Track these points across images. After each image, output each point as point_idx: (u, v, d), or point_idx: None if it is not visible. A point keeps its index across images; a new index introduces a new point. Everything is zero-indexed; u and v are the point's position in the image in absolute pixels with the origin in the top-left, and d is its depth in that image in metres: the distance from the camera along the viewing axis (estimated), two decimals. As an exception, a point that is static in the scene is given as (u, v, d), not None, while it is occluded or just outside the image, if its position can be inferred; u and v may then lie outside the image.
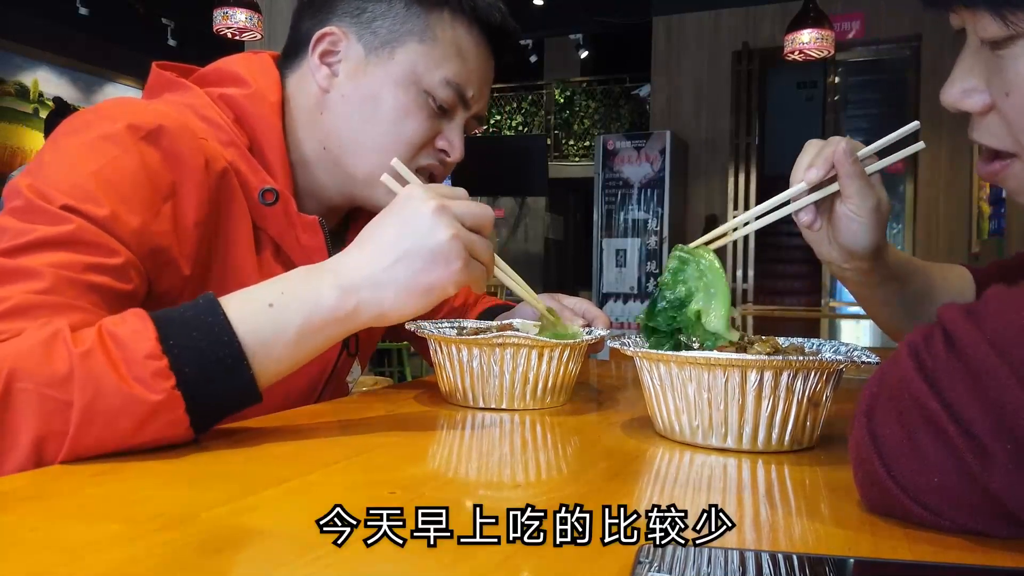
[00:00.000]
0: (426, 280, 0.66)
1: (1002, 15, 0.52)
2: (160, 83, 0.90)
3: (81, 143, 0.72)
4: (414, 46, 0.88)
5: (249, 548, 0.41)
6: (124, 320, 0.59)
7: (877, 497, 0.47)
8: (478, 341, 0.79)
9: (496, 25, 0.93)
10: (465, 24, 0.91)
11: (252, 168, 0.84)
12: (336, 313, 0.65)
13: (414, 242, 0.66)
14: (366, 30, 0.89)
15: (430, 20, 0.89)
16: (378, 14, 0.89)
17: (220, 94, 0.86)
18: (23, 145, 7.57)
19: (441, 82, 0.89)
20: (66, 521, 0.44)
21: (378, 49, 0.89)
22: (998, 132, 0.58)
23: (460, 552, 0.40)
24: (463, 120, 0.94)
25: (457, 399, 0.83)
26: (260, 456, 0.60)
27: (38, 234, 0.64)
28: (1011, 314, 0.41)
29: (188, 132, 0.77)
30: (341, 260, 0.68)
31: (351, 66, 0.89)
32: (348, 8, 0.90)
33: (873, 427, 0.46)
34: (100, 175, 0.69)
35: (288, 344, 0.63)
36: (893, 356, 0.47)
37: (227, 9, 4.61)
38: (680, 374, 0.65)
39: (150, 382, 0.56)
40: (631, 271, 7.05)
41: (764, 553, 0.39)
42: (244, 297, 0.65)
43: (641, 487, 0.57)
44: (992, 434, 0.40)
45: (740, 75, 7.10)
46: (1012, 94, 0.55)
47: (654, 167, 6.94)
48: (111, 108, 0.76)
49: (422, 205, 0.67)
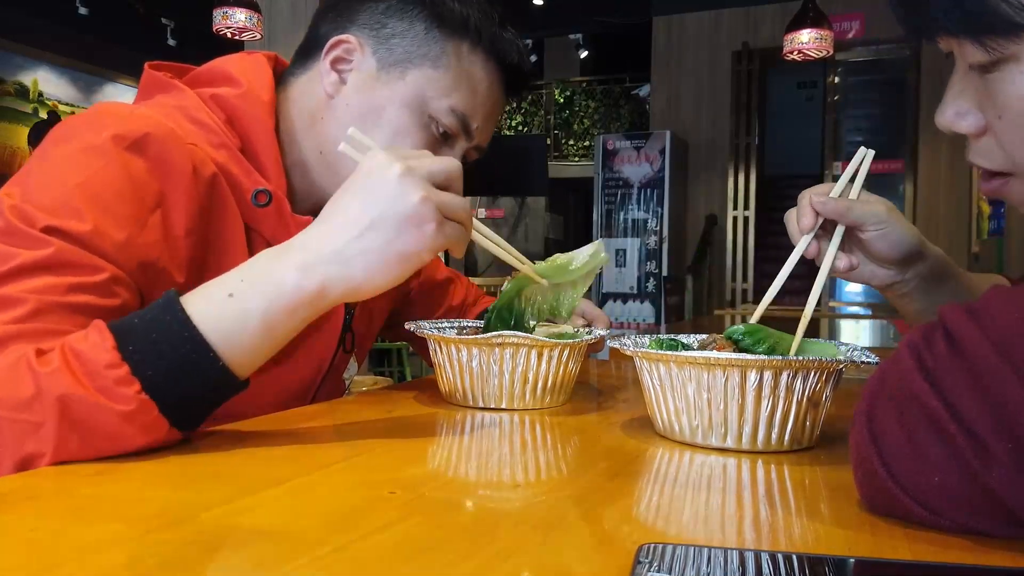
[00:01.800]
0: (400, 247, 0.64)
1: (982, 42, 0.53)
2: (152, 84, 0.89)
3: (67, 154, 0.71)
4: (427, 70, 0.88)
5: (248, 548, 0.41)
6: (86, 335, 0.58)
7: (877, 497, 0.47)
8: (478, 341, 0.79)
9: (512, 64, 0.93)
10: (482, 58, 0.90)
11: (244, 170, 0.83)
12: (300, 295, 0.63)
13: (382, 209, 0.63)
14: (382, 45, 0.88)
15: (447, 47, 0.88)
16: (397, 32, 0.88)
17: (212, 94, 0.86)
18: (23, 145, 7.57)
19: (447, 110, 0.88)
20: (66, 521, 0.44)
21: (391, 66, 0.88)
22: (993, 153, 0.59)
23: (460, 552, 0.40)
24: (463, 150, 0.93)
25: (457, 399, 0.83)
26: (259, 456, 0.60)
27: (19, 260, 0.63)
28: (1013, 313, 0.41)
29: (175, 139, 0.76)
30: (305, 237, 0.66)
31: (361, 77, 0.89)
32: (369, 20, 0.89)
33: (873, 426, 0.46)
34: (84, 188, 0.68)
35: (255, 332, 0.62)
36: (893, 355, 0.47)
37: (227, 9, 4.60)
38: (680, 374, 0.65)
39: (114, 391, 0.55)
40: (631, 271, 7.06)
41: (764, 553, 0.39)
42: (205, 290, 0.63)
43: (641, 487, 0.57)
44: (993, 433, 0.40)
45: (740, 75, 7.10)
46: (1004, 116, 0.55)
47: (654, 167, 6.94)
48: (97, 116, 0.76)
49: (387, 169, 0.64)
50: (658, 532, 0.45)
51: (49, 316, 0.62)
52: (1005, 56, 0.53)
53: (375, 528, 0.43)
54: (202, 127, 0.82)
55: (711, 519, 0.48)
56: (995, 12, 0.51)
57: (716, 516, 0.48)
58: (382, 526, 0.44)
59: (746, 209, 7.02)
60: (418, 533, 0.43)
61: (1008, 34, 0.51)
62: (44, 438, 0.54)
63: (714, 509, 0.50)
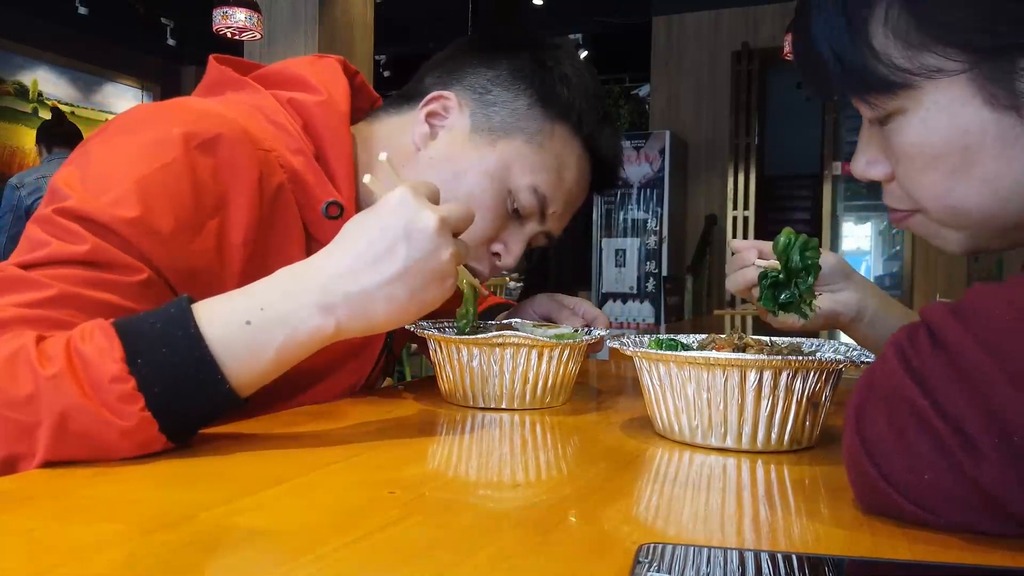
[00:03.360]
0: (423, 298, 0.64)
1: (866, 99, 0.59)
2: (221, 80, 0.87)
3: (133, 144, 0.69)
4: (519, 144, 0.87)
5: (248, 548, 0.41)
6: (92, 336, 0.56)
7: (870, 497, 0.47)
8: (478, 341, 0.79)
9: (606, 160, 0.92)
10: (578, 147, 0.90)
11: (319, 180, 0.81)
12: (318, 335, 0.62)
13: (417, 261, 0.62)
14: (482, 111, 0.88)
15: (545, 127, 0.88)
16: (500, 101, 0.88)
17: (289, 98, 0.83)
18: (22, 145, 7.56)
19: (528, 187, 0.87)
20: (65, 521, 0.44)
21: (484, 132, 0.87)
22: (901, 196, 0.64)
23: (460, 552, 0.40)
24: (532, 232, 0.91)
25: (457, 399, 0.83)
26: (259, 456, 0.60)
27: (53, 249, 0.62)
28: (996, 310, 0.42)
29: (248, 143, 0.74)
30: (330, 270, 0.63)
31: (452, 136, 0.88)
32: (475, 83, 0.89)
33: (862, 427, 0.46)
34: (143, 184, 0.67)
35: (267, 361, 0.61)
36: (880, 357, 0.48)
37: (227, 9, 4.60)
38: (680, 374, 0.65)
39: (117, 406, 0.54)
40: (630, 271, 7.05)
41: (764, 553, 0.39)
42: (220, 309, 0.61)
43: (641, 487, 0.57)
44: (981, 429, 0.40)
45: (740, 75, 7.10)
46: (900, 162, 0.61)
47: (654, 167, 6.94)
48: (171, 110, 0.73)
49: (426, 220, 0.63)
50: (658, 532, 0.45)
51: (67, 307, 0.61)
52: (891, 110, 0.58)
53: (375, 528, 0.43)
54: (281, 130, 0.80)
55: (711, 519, 0.48)
56: (873, 73, 0.57)
57: (716, 516, 0.48)
58: (382, 526, 0.44)
59: (746, 209, 7.02)
60: (418, 533, 0.43)
61: (887, 92, 0.57)
62: (35, 440, 0.53)
63: (714, 509, 0.50)
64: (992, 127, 0.54)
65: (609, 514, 0.48)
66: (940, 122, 0.56)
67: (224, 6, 4.60)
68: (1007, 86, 0.53)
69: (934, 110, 0.56)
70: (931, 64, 0.55)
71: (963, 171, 0.56)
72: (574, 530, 0.45)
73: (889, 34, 0.56)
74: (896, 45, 0.56)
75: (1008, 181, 0.55)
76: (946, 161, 0.57)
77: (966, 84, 0.54)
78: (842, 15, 0.58)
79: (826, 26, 0.59)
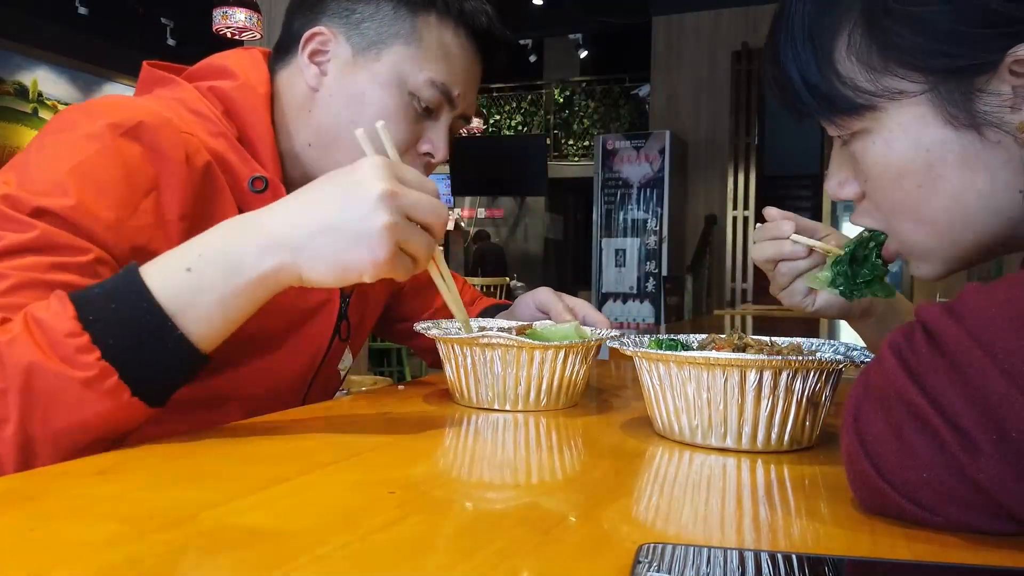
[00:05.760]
0: (345, 259, 0.64)
1: (832, 120, 0.62)
2: (151, 79, 0.92)
3: (63, 141, 0.73)
4: (400, 48, 0.89)
5: (248, 548, 0.41)
6: (48, 304, 0.60)
7: (869, 496, 0.47)
8: (478, 341, 0.79)
9: (483, 29, 0.94)
10: (451, 27, 0.92)
11: (241, 157, 0.85)
12: (255, 274, 0.64)
13: (346, 219, 0.63)
14: (354, 31, 0.90)
15: (416, 23, 0.90)
16: (366, 16, 0.90)
17: (209, 87, 0.88)
18: (22, 145, 7.57)
19: (426, 83, 0.90)
20: (65, 521, 0.44)
21: (365, 50, 0.90)
22: (872, 214, 0.66)
23: (460, 552, 0.40)
24: (448, 120, 0.94)
25: (464, 400, 0.83)
26: (259, 456, 0.60)
27: (4, 242, 0.65)
28: (992, 308, 0.42)
29: (169, 127, 0.78)
30: (271, 215, 0.66)
31: (339, 66, 0.90)
32: (337, 9, 0.91)
33: (860, 427, 0.46)
34: (76, 171, 0.71)
35: (212, 305, 0.63)
36: (877, 357, 0.48)
37: (226, 9, 4.60)
38: (679, 374, 0.65)
39: (75, 358, 0.57)
40: (630, 271, 7.06)
41: (764, 553, 0.39)
42: (164, 261, 0.64)
43: (641, 487, 0.57)
44: (978, 427, 0.41)
45: (740, 75, 7.10)
46: (868, 180, 0.63)
47: (653, 167, 6.94)
48: (95, 106, 0.78)
49: (372, 185, 0.64)
50: (658, 532, 0.45)
51: (28, 292, 0.64)
52: (856, 130, 0.61)
53: (375, 528, 0.43)
54: (200, 117, 0.84)
55: (711, 519, 0.48)
56: (839, 95, 0.60)
57: (716, 516, 0.48)
58: (382, 526, 0.44)
59: (746, 209, 7.02)
60: (418, 533, 0.43)
61: (852, 113, 0.60)
62: (7, 404, 0.56)
63: (714, 509, 0.50)
64: (954, 144, 0.57)
65: (609, 514, 0.48)
66: (903, 141, 0.59)
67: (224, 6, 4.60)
68: (966, 107, 0.55)
69: (897, 130, 0.59)
70: (893, 86, 0.58)
71: (930, 187, 0.59)
72: (574, 530, 0.45)
73: (853, 58, 0.59)
74: (860, 69, 0.59)
75: (973, 196, 0.58)
76: (912, 178, 0.59)
77: (927, 105, 0.57)
78: (808, 41, 0.61)
79: (793, 52, 0.62)
